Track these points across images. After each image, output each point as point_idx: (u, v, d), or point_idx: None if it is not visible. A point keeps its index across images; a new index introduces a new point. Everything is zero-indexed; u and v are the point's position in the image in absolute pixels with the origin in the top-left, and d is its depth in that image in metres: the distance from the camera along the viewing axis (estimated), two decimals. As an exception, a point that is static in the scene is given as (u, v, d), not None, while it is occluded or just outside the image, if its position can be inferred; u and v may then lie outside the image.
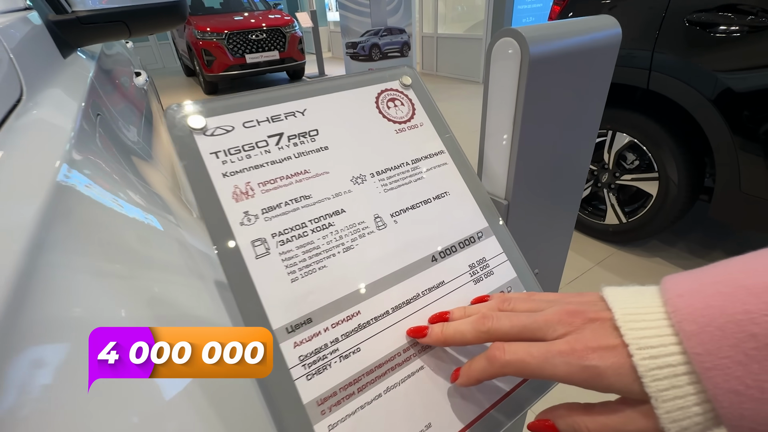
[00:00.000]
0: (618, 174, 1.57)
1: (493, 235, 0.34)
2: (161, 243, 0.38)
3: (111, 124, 0.64)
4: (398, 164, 0.34)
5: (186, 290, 0.33)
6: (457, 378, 0.26)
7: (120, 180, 0.46)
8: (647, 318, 0.19)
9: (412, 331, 0.28)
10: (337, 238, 0.29)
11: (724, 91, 1.26)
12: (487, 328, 0.24)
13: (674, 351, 0.18)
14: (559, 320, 0.22)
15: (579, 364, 0.20)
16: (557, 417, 0.23)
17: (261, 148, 0.30)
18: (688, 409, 0.17)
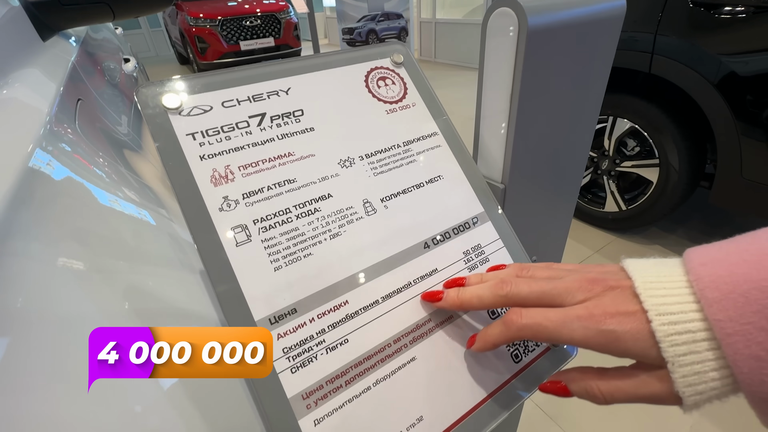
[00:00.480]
0: (618, 161, 1.55)
1: (489, 220, 0.33)
2: (142, 233, 0.36)
3: (95, 110, 0.62)
4: (389, 146, 0.32)
5: (166, 281, 0.31)
6: (473, 344, 0.26)
7: (102, 167, 0.44)
8: (668, 286, 0.19)
9: (426, 295, 0.28)
10: (324, 225, 0.27)
11: (727, 74, 1.23)
12: (506, 292, 0.24)
13: (695, 318, 0.18)
14: (579, 287, 0.21)
15: (596, 329, 0.20)
16: (570, 380, 0.23)
17: (241, 129, 0.28)
18: (705, 374, 0.17)
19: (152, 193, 0.48)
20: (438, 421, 0.26)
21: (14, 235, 0.23)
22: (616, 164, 1.55)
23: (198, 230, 0.25)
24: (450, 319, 0.28)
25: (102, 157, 0.47)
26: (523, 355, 0.29)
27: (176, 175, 0.25)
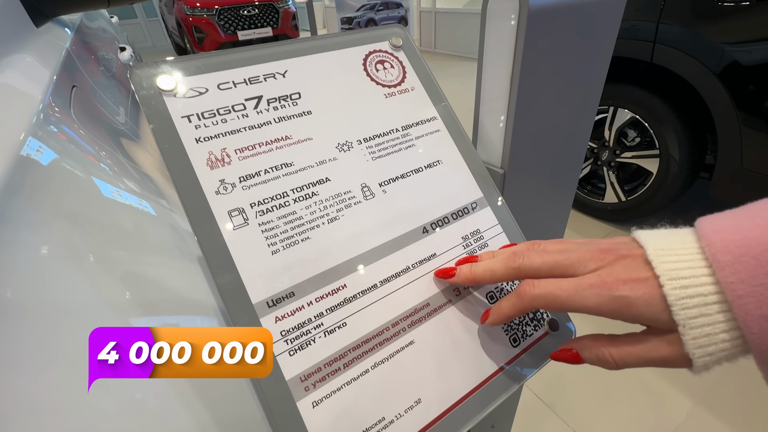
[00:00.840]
0: (618, 151, 1.54)
1: (488, 205, 0.32)
2: (140, 221, 0.36)
3: (91, 98, 0.61)
4: (387, 131, 0.31)
5: (165, 270, 0.31)
6: (487, 318, 0.26)
7: (99, 155, 0.44)
8: (680, 252, 0.19)
9: (440, 271, 0.28)
10: (322, 209, 0.27)
11: (730, 64, 1.22)
12: (518, 264, 0.24)
13: (706, 282, 0.18)
14: (591, 257, 0.22)
15: (609, 295, 0.20)
16: (582, 347, 0.23)
17: (238, 112, 0.27)
18: (715, 336, 0.18)
19: (151, 183, 0.47)
20: (436, 404, 0.26)
21: (5, 224, 0.23)
22: (616, 155, 1.55)
23: (194, 213, 0.24)
24: (448, 303, 0.28)
25: (98, 144, 0.47)
26: (521, 339, 0.30)
27: (172, 157, 0.25)
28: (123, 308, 0.25)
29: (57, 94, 0.46)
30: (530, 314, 0.30)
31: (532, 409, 1.04)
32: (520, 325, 0.30)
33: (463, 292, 0.29)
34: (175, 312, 0.28)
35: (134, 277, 0.29)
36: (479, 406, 0.27)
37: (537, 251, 0.24)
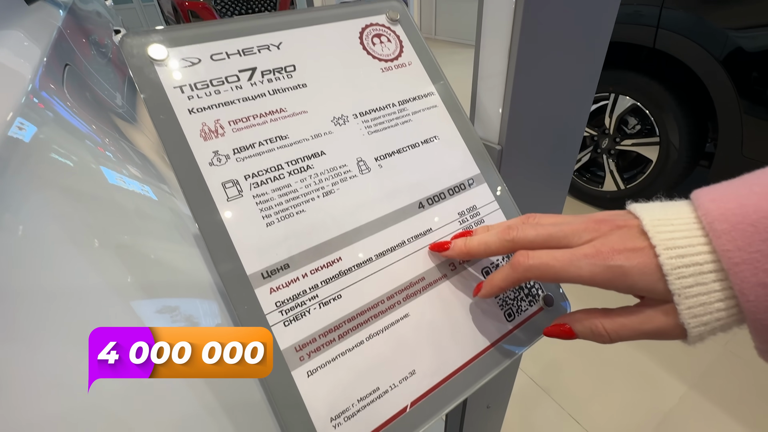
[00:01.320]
0: (618, 139, 1.54)
1: (484, 182, 0.32)
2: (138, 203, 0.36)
3: (84, 77, 0.61)
4: (384, 105, 0.31)
5: (162, 248, 0.31)
6: (480, 290, 0.26)
7: (93, 135, 0.43)
8: (676, 222, 0.19)
9: (434, 245, 0.28)
10: (317, 182, 0.27)
11: (734, 50, 1.20)
12: (512, 237, 0.24)
13: (702, 251, 0.18)
14: (586, 228, 0.21)
15: (604, 265, 0.20)
16: (574, 321, 0.23)
17: (231, 83, 0.27)
18: (710, 305, 0.18)
19: (149, 164, 0.47)
20: (430, 376, 0.26)
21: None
22: (616, 143, 1.54)
23: (188, 185, 0.24)
24: (444, 277, 0.28)
25: (93, 123, 0.46)
26: (516, 314, 0.30)
27: (165, 128, 0.25)
28: (122, 288, 0.25)
29: (49, 72, 0.45)
30: (525, 289, 0.31)
31: (528, 392, 1.05)
32: (515, 300, 0.30)
33: (458, 267, 0.29)
34: (175, 293, 0.29)
35: (132, 256, 0.29)
36: (473, 378, 0.27)
37: (531, 224, 0.24)
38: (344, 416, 0.23)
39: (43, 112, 0.37)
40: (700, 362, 1.09)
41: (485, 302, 0.29)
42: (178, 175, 0.24)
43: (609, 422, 0.98)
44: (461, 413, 0.56)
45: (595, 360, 1.12)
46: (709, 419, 0.97)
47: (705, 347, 1.12)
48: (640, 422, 0.97)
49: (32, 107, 0.35)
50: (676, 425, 0.96)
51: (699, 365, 1.08)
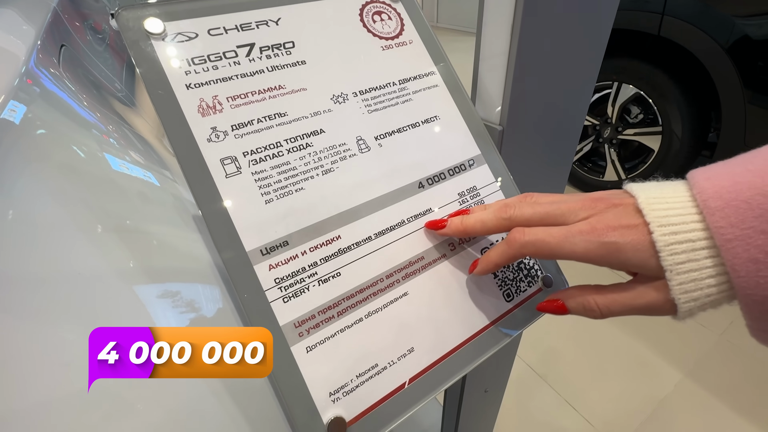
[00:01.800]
0: (621, 129, 1.53)
1: (485, 163, 0.32)
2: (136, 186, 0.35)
3: (81, 59, 0.60)
4: (384, 84, 0.31)
5: (162, 232, 0.31)
6: (476, 267, 0.26)
7: (89, 117, 0.43)
8: (671, 201, 0.19)
9: (430, 223, 0.28)
10: (316, 160, 0.27)
11: (740, 38, 1.19)
12: (509, 215, 0.24)
13: (696, 228, 0.18)
14: (582, 206, 0.22)
15: (598, 241, 0.20)
16: (567, 297, 0.23)
17: (229, 59, 0.27)
18: (701, 281, 0.18)
19: (151, 149, 0.47)
20: (428, 353, 0.26)
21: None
22: (618, 132, 1.53)
23: (186, 160, 0.24)
24: (443, 257, 0.28)
25: (91, 105, 0.46)
26: (514, 294, 0.30)
27: (162, 103, 0.24)
28: (124, 273, 0.25)
29: (44, 51, 0.44)
30: (524, 270, 0.31)
31: (525, 379, 1.06)
32: (514, 281, 0.30)
33: (458, 247, 0.29)
34: (177, 278, 0.29)
35: (134, 240, 0.29)
36: (471, 356, 0.27)
37: (528, 202, 0.24)
38: (343, 391, 0.24)
39: (38, 93, 0.36)
40: (696, 351, 1.10)
41: (484, 282, 0.29)
42: (176, 151, 0.24)
43: (605, 409, 0.99)
44: (459, 397, 0.57)
45: (592, 348, 1.13)
46: (704, 407, 0.98)
47: (701, 336, 1.13)
48: (635, 409, 0.99)
49: (27, 89, 0.35)
50: (671, 412, 0.98)
51: (694, 353, 1.09)
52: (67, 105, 0.38)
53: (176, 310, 0.27)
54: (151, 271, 0.27)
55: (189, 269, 0.30)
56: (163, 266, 0.29)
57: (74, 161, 0.34)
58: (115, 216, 0.30)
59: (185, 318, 0.26)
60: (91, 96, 0.49)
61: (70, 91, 0.43)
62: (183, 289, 0.28)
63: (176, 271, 0.29)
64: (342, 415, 0.23)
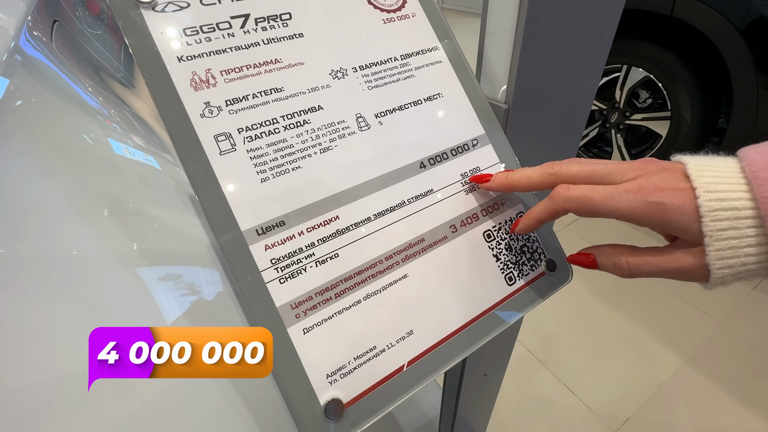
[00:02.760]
0: (628, 113, 1.49)
1: (489, 143, 0.31)
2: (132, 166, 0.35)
3: (75, 36, 0.58)
4: (385, 59, 0.29)
5: (158, 215, 0.30)
6: (518, 225, 0.27)
7: (82, 93, 0.42)
8: (720, 170, 0.19)
9: (475, 177, 0.29)
10: (314, 138, 0.26)
11: (757, 20, 1.14)
12: (555, 170, 0.24)
13: (742, 197, 0.18)
14: (631, 167, 0.22)
15: (644, 200, 0.20)
16: (601, 253, 0.24)
17: (223, 30, 0.25)
18: (740, 249, 0.18)
19: (147, 127, 0.46)
20: (427, 336, 0.26)
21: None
22: (626, 117, 1.50)
23: (178, 136, 0.23)
24: (444, 239, 0.28)
25: (85, 82, 0.44)
26: (517, 278, 0.29)
27: (152, 76, 0.23)
28: (125, 255, 0.25)
29: (36, 27, 0.43)
30: (528, 254, 0.30)
31: (525, 363, 1.07)
32: (517, 264, 0.29)
33: (459, 229, 0.28)
34: (177, 261, 0.28)
35: (131, 220, 0.28)
36: (470, 340, 0.27)
37: (575, 161, 0.24)
38: (340, 373, 0.23)
39: (27, 68, 0.35)
40: (697, 337, 1.10)
41: (486, 266, 0.28)
42: (167, 126, 0.23)
43: (603, 393, 1.00)
44: (458, 380, 0.57)
45: (593, 334, 1.14)
46: (702, 392, 0.99)
47: (702, 322, 1.13)
48: (633, 394, 0.99)
49: (14, 66, 0.34)
50: (669, 397, 0.98)
51: (695, 340, 1.10)
52: (58, 81, 0.37)
53: (177, 293, 0.26)
54: (151, 254, 0.27)
55: (189, 252, 0.29)
56: (163, 249, 0.28)
57: (65, 138, 0.33)
58: (117, 199, 0.29)
59: (186, 301, 0.26)
60: (87, 75, 0.47)
61: (62, 68, 0.42)
62: (183, 272, 0.28)
63: (176, 255, 0.29)
64: (339, 397, 0.23)
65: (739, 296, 1.18)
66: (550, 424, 0.95)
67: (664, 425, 0.94)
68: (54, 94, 0.37)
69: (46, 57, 0.40)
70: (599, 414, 0.96)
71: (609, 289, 1.24)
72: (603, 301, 1.21)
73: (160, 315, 0.25)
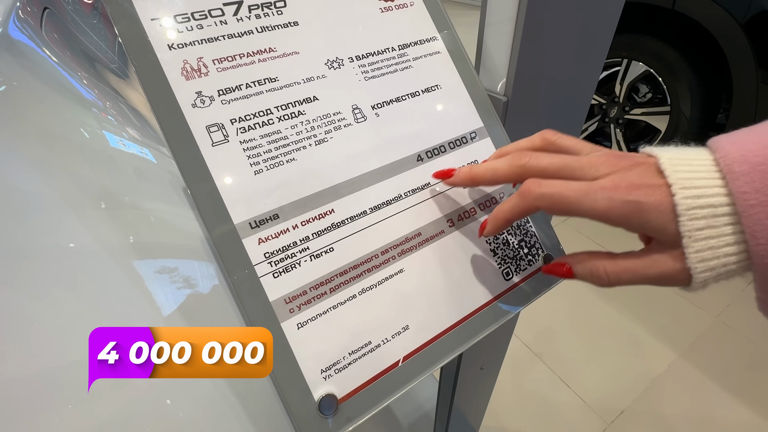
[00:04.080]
0: (628, 108, 1.49)
1: (488, 136, 0.30)
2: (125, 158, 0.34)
3: (68, 24, 0.57)
4: (382, 49, 0.29)
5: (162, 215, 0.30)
6: (485, 228, 0.25)
7: (74, 80, 0.41)
8: (694, 163, 0.18)
9: (438, 173, 0.27)
10: (309, 129, 0.25)
11: (759, 14, 1.13)
12: (524, 162, 0.22)
13: (718, 192, 0.17)
14: (605, 162, 0.20)
15: (621, 199, 0.19)
16: (576, 261, 0.22)
17: (215, 18, 0.25)
18: (719, 249, 0.17)
19: (144, 122, 0.45)
20: (423, 332, 0.26)
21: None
22: (625, 111, 1.49)
23: (169, 127, 0.22)
24: (441, 233, 0.27)
25: (76, 71, 0.43)
26: (514, 273, 0.29)
27: (142, 64, 0.23)
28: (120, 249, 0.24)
29: (25, 12, 0.42)
30: (525, 248, 0.30)
31: (521, 357, 1.08)
32: (515, 259, 0.29)
33: (456, 223, 0.28)
34: (173, 255, 0.28)
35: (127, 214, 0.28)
36: (466, 336, 0.27)
37: (545, 153, 0.22)
38: (335, 368, 0.23)
39: (13, 53, 0.34)
40: (691, 332, 1.11)
41: (483, 260, 0.28)
42: (157, 115, 0.22)
43: (598, 386, 1.01)
44: (455, 373, 0.57)
45: (588, 328, 1.14)
46: (696, 386, 1.00)
47: (697, 317, 1.13)
48: (628, 387, 1.00)
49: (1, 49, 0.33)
50: (663, 391, 0.99)
51: (689, 334, 1.10)
52: (49, 69, 0.36)
53: (172, 287, 0.26)
54: (146, 248, 0.27)
55: (184, 246, 0.29)
56: (158, 243, 0.28)
57: (58, 129, 0.32)
58: (112, 192, 0.29)
59: (181, 294, 0.26)
60: (80, 64, 0.46)
61: (52, 56, 0.41)
62: (179, 266, 0.27)
63: (172, 248, 0.28)
64: (334, 392, 0.23)
65: (734, 291, 1.19)
66: (546, 417, 0.96)
67: (658, 418, 0.95)
68: (43, 83, 0.36)
69: (35, 43, 0.39)
70: (594, 407, 0.97)
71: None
72: (599, 295, 1.22)
73: (156, 308, 0.25)
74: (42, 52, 0.38)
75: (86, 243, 0.25)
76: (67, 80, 0.40)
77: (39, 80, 0.34)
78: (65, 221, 0.25)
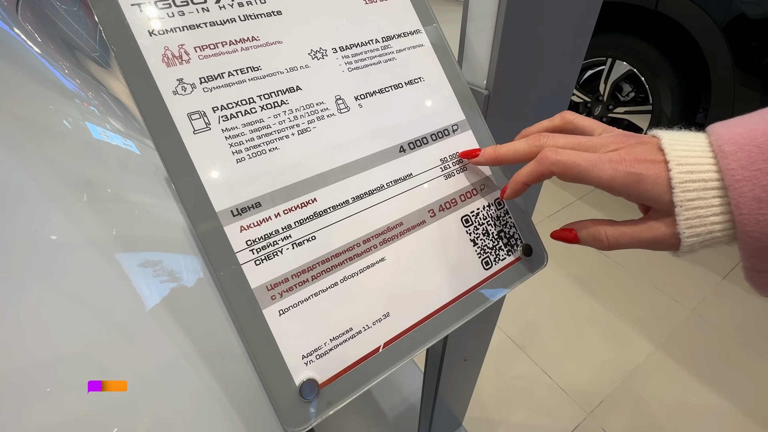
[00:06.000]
0: (612, 106, 1.52)
1: (469, 129, 0.31)
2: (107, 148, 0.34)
3: (45, 10, 0.55)
4: (366, 41, 0.29)
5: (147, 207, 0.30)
6: (505, 192, 0.28)
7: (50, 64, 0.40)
8: (690, 144, 0.21)
9: (464, 153, 0.30)
10: (292, 119, 0.25)
11: (737, 17, 1.17)
12: (542, 143, 0.25)
13: (709, 169, 0.20)
14: (614, 140, 0.23)
15: (625, 170, 0.21)
16: (581, 227, 0.25)
17: (197, 5, 0.25)
18: (706, 218, 0.20)
19: (127, 112, 0.44)
20: (404, 318, 0.26)
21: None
22: (609, 110, 1.52)
23: (150, 114, 0.22)
24: (422, 224, 0.28)
25: (55, 57, 0.42)
26: (493, 262, 0.30)
27: (122, 50, 0.22)
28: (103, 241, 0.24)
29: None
30: (504, 239, 0.30)
31: (505, 349, 1.10)
32: (494, 249, 0.30)
33: (437, 213, 0.29)
34: (157, 248, 0.28)
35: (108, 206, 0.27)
36: (445, 323, 0.27)
37: (561, 135, 0.25)
38: (316, 354, 0.23)
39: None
40: (668, 324, 1.15)
41: (462, 250, 0.29)
42: (138, 102, 0.22)
43: (578, 378, 1.04)
44: (439, 365, 0.58)
45: (571, 321, 1.17)
46: (672, 376, 1.03)
47: (674, 310, 1.17)
48: (607, 378, 1.03)
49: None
50: (641, 380, 1.03)
51: (667, 327, 1.14)
52: (24, 54, 0.36)
53: (156, 279, 0.26)
54: (130, 240, 0.26)
55: (168, 238, 0.29)
56: (142, 235, 0.28)
57: (36, 117, 0.32)
58: (95, 184, 0.28)
59: (165, 287, 0.26)
60: (59, 52, 0.45)
61: (28, 41, 0.40)
62: (162, 259, 0.27)
63: (156, 241, 0.28)
64: (315, 378, 0.23)
65: (709, 285, 1.23)
66: (529, 407, 0.99)
67: (636, 407, 0.98)
68: (20, 69, 0.35)
69: (10, 29, 0.38)
70: (575, 397, 1.00)
71: (587, 277, 1.28)
72: (581, 289, 1.25)
73: (140, 301, 0.25)
74: (17, 36, 0.37)
75: (68, 235, 0.25)
76: (46, 68, 0.39)
77: (14, 66, 0.33)
78: (47, 213, 0.25)
